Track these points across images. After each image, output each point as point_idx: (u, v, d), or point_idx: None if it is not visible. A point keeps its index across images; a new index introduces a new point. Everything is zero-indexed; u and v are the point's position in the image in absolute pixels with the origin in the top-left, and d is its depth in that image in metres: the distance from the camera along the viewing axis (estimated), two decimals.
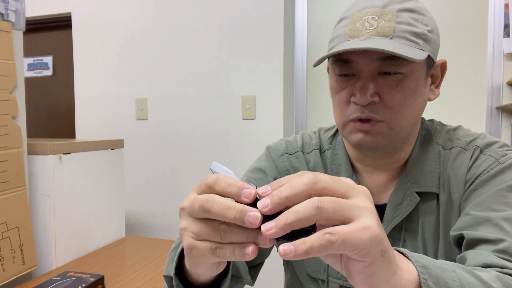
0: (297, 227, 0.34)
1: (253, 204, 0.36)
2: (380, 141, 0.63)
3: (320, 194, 0.35)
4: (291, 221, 0.33)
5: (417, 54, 0.58)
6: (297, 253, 0.33)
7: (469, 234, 0.58)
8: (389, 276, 0.37)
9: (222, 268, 0.43)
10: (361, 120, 0.63)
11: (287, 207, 0.35)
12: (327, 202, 0.34)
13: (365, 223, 0.34)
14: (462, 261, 0.57)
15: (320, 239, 0.33)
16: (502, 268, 0.51)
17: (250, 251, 0.35)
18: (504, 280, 0.47)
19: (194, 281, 0.51)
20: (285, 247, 0.33)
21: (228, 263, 0.52)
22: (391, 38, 0.58)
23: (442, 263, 0.44)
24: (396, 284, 0.38)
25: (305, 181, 0.35)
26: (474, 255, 0.55)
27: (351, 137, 0.65)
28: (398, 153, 0.69)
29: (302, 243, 0.33)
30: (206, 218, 0.37)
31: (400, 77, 0.61)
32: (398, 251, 0.44)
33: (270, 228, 0.34)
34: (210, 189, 0.37)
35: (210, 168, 0.39)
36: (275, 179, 0.74)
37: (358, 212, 0.35)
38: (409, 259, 0.42)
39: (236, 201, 0.36)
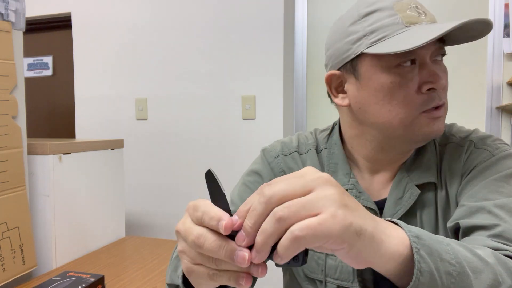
0: (273, 243, 0.35)
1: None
2: (443, 128, 0.66)
3: (281, 203, 0.35)
4: (264, 241, 0.34)
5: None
6: (277, 260, 0.35)
7: (464, 222, 0.59)
8: (375, 249, 0.37)
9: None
10: (436, 108, 0.64)
11: None
12: (286, 209, 0.34)
13: (330, 212, 0.34)
14: None
15: (289, 238, 0.33)
16: (496, 249, 0.51)
17: (244, 282, 0.36)
18: (498, 256, 0.47)
19: None
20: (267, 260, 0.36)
21: None
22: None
23: (438, 236, 0.44)
24: (385, 252, 0.38)
25: (261, 200, 0.35)
26: (470, 240, 0.56)
27: (425, 130, 0.64)
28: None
29: (277, 249, 0.35)
30: None
31: (443, 61, 0.66)
32: (393, 221, 0.43)
33: (254, 257, 0.35)
34: (200, 223, 0.38)
35: (205, 177, 0.39)
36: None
37: (321, 203, 0.34)
38: (402, 229, 0.41)
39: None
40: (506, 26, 1.86)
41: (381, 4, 0.63)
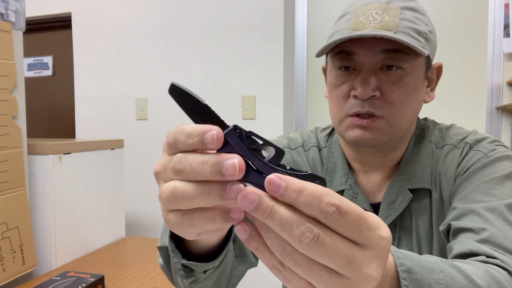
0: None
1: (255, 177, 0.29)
2: (378, 138, 0.63)
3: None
4: (269, 222, 0.27)
5: (420, 49, 0.59)
6: None
7: (454, 224, 0.59)
8: None
9: (219, 234, 0.38)
10: (359, 116, 0.63)
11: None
12: (326, 245, 0.27)
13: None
14: (450, 251, 0.58)
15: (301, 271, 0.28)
16: (487, 257, 0.51)
17: (235, 215, 0.29)
18: (492, 275, 0.47)
19: (194, 250, 0.47)
20: None
21: (229, 233, 0.48)
22: (395, 33, 0.59)
23: (431, 262, 0.43)
24: None
25: (329, 210, 0.27)
26: (460, 243, 0.56)
27: (348, 133, 0.64)
28: (394, 152, 0.69)
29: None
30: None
31: (402, 73, 0.61)
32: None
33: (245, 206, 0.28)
34: (173, 149, 0.31)
35: (171, 94, 0.31)
36: None
37: (356, 278, 0.29)
38: (394, 262, 0.39)
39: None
40: (506, 26, 1.86)
41: (351, 8, 0.65)
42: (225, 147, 0.29)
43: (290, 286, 0.30)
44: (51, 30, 2.63)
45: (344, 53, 0.63)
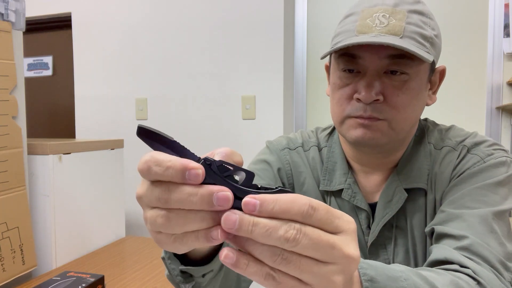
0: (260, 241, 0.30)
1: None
2: (379, 139, 0.63)
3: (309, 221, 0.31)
4: (255, 234, 0.29)
5: (425, 55, 0.58)
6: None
7: (438, 228, 0.59)
8: None
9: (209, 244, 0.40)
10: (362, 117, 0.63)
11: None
12: (307, 238, 0.30)
13: (334, 280, 0.32)
14: (429, 255, 0.58)
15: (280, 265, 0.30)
16: (461, 266, 0.52)
17: (217, 235, 0.31)
18: (458, 285, 0.47)
19: (191, 257, 0.49)
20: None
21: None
22: (401, 37, 0.59)
23: (397, 271, 0.44)
24: None
25: (302, 209, 0.30)
26: (438, 249, 0.56)
27: (350, 133, 0.64)
28: (394, 153, 0.69)
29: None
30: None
31: (406, 77, 0.61)
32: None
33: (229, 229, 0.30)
34: (147, 176, 0.32)
35: (140, 137, 0.32)
36: (279, 169, 0.75)
37: (337, 260, 0.32)
38: (358, 273, 0.40)
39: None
40: (506, 26, 1.86)
41: (357, 9, 0.64)
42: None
43: None
44: (51, 30, 2.63)
45: (349, 56, 0.63)
